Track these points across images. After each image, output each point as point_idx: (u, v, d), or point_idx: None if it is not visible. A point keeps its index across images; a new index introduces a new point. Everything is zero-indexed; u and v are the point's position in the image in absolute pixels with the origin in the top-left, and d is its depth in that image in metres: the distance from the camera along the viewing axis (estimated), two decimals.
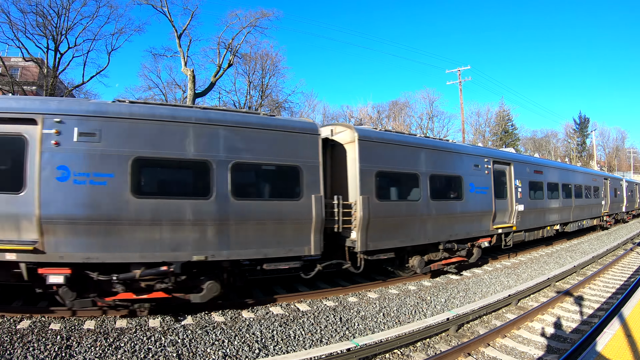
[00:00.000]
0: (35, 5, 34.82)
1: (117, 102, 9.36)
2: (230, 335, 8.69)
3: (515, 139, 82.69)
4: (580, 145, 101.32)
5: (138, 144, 8.80)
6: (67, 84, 42.60)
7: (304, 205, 10.36)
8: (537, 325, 10.31)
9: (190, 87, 39.38)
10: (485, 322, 10.61)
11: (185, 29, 41.44)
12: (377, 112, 74.79)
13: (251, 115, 10.52)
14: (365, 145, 11.64)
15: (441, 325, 9.59)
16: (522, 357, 8.48)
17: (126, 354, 7.67)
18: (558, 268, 16.75)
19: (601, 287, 14.27)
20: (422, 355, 8.41)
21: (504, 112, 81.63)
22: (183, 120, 9.24)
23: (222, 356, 7.87)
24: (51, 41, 36.55)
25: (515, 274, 15.64)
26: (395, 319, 10.38)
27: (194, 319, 9.54)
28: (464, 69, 43.56)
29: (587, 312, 11.50)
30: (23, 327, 8.34)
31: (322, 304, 11.15)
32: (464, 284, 13.86)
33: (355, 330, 9.54)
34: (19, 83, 38.74)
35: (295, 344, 8.60)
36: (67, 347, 7.74)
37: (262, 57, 52.23)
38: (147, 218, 8.77)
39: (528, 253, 20.50)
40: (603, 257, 20.04)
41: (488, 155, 16.53)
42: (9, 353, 7.35)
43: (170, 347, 8.02)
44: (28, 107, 8.36)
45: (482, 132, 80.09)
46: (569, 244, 24.26)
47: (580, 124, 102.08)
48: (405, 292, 12.53)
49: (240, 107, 49.78)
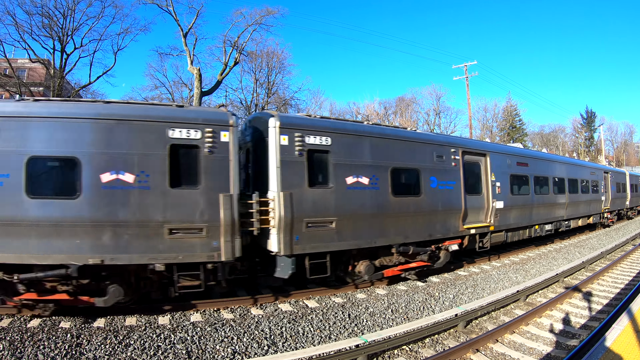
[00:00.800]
0: (40, 7, 34.99)
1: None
2: (240, 332, 8.73)
3: (523, 134, 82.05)
4: (588, 140, 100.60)
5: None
6: (73, 84, 42.75)
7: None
8: (545, 321, 10.27)
9: (197, 85, 39.41)
10: (494, 318, 10.59)
11: (190, 28, 41.41)
12: (383, 108, 74.49)
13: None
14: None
15: (449, 322, 9.58)
16: (531, 353, 8.46)
17: (136, 351, 7.73)
18: (567, 264, 16.64)
19: (610, 283, 14.19)
20: (431, 351, 8.41)
21: (511, 107, 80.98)
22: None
23: (232, 353, 7.92)
24: (57, 42, 36.72)
25: (523, 270, 15.59)
26: (403, 315, 10.39)
27: (203, 316, 9.59)
28: (470, 64, 43.25)
29: (595, 308, 11.44)
30: (33, 326, 8.45)
31: (330, 300, 11.17)
32: (472, 280, 13.83)
33: (363, 327, 9.56)
34: (26, 84, 38.96)
35: (304, 341, 8.63)
36: (77, 345, 7.82)
37: (268, 55, 52.12)
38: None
39: (537, 249, 20.43)
40: (612, 253, 19.92)
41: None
42: (20, 352, 7.44)
43: (180, 345, 8.07)
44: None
45: (489, 127, 79.55)
46: (577, 239, 24.13)
47: (588, 118, 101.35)
48: (414, 289, 12.53)
49: (248, 105, 49.90)
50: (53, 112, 8.68)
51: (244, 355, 7.92)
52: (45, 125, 8.55)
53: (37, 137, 8.46)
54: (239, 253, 9.59)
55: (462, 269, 15.60)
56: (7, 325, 8.39)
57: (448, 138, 16.65)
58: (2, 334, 7.98)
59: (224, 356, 7.81)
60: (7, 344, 7.61)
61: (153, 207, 8.86)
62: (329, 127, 11.20)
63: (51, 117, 8.60)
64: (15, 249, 8.25)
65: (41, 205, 8.34)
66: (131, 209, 8.72)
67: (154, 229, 8.86)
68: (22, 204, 8.22)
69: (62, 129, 8.58)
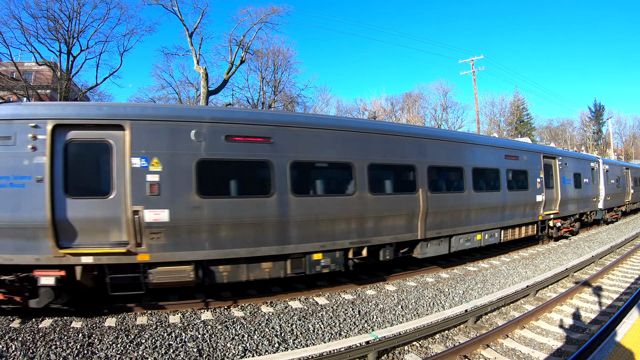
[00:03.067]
0: (46, 10, 35.28)
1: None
2: (250, 330, 8.77)
3: (531, 129, 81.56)
4: (596, 133, 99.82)
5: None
6: (80, 86, 43.08)
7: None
8: (555, 316, 10.24)
9: (204, 85, 39.60)
10: (504, 313, 10.57)
11: (196, 28, 41.62)
12: (390, 104, 74.20)
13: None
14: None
15: (459, 317, 9.58)
16: (541, 348, 8.43)
17: (147, 350, 7.79)
18: (576, 258, 16.57)
19: (620, 277, 14.10)
20: (441, 347, 8.41)
21: (519, 101, 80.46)
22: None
23: (242, 350, 7.96)
24: (63, 44, 37.04)
25: (533, 265, 15.54)
26: (413, 311, 10.39)
27: (214, 314, 9.65)
28: (477, 58, 43.02)
29: (605, 303, 11.38)
30: (45, 326, 8.52)
31: (340, 297, 11.20)
32: (482, 275, 13.80)
33: (374, 323, 9.57)
34: (33, 87, 39.24)
35: (314, 338, 8.65)
36: (89, 344, 7.88)
37: (274, 53, 52.22)
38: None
39: (547, 244, 20.31)
40: (621, 247, 19.80)
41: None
42: (32, 352, 7.51)
43: (191, 343, 8.12)
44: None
45: (497, 122, 79.06)
46: (586, 233, 24.00)
47: (596, 112, 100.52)
48: (423, 285, 12.53)
49: (255, 103, 49.99)
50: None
51: (254, 352, 7.96)
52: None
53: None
54: None
55: (471, 264, 15.58)
56: (19, 326, 8.47)
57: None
58: (14, 334, 8.07)
59: (235, 354, 7.85)
60: (20, 344, 7.69)
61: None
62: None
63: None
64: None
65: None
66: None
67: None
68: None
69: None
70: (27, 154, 8.33)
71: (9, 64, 36.84)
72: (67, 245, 8.49)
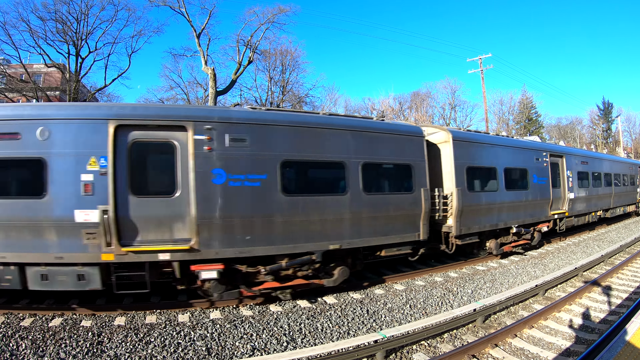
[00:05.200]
0: (54, 13, 35.60)
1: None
2: (259, 329, 8.81)
3: (540, 127, 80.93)
4: (606, 131, 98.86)
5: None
6: (89, 87, 43.39)
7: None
8: (564, 316, 10.19)
9: (212, 85, 39.74)
10: (512, 312, 10.53)
11: (203, 28, 41.72)
12: (398, 103, 73.78)
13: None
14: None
15: (468, 317, 9.56)
16: (550, 348, 8.39)
17: (156, 349, 7.84)
18: (585, 257, 16.46)
19: (629, 276, 13.99)
20: (449, 346, 8.40)
21: (527, 99, 79.95)
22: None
23: (251, 349, 7.99)
24: (72, 46, 37.35)
25: (542, 264, 15.45)
26: (421, 311, 10.38)
27: (222, 313, 9.70)
28: (485, 56, 42.74)
29: (615, 302, 11.29)
30: (55, 325, 8.60)
31: (348, 296, 11.20)
32: (491, 274, 13.75)
33: (382, 322, 9.57)
34: (42, 89, 39.57)
35: (322, 337, 8.67)
36: (98, 343, 7.95)
37: (282, 53, 52.31)
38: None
39: (555, 242, 20.21)
40: (631, 246, 19.63)
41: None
42: (42, 350, 7.59)
43: (200, 342, 8.16)
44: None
45: (505, 120, 78.57)
46: (596, 232, 23.84)
47: (605, 109, 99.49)
48: (432, 284, 12.51)
49: (263, 104, 50.04)
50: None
51: (263, 351, 7.99)
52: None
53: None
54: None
55: (480, 263, 15.53)
56: (29, 325, 8.55)
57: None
58: (25, 333, 8.15)
59: (243, 352, 7.89)
60: (30, 343, 7.77)
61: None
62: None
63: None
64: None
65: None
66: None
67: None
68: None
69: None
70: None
71: (18, 66, 37.24)
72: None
